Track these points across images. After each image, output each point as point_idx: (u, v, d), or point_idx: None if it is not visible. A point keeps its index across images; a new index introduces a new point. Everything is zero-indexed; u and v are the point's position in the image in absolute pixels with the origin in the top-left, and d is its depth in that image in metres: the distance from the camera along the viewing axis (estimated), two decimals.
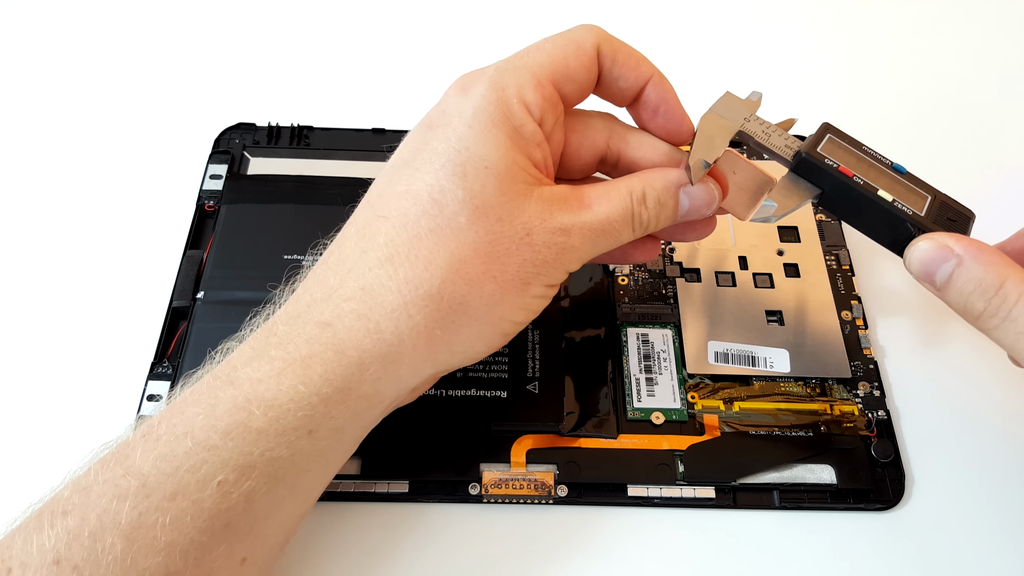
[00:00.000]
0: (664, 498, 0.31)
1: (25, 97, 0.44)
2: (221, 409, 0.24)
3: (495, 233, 0.26)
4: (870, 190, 0.28)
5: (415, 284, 0.25)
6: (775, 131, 0.29)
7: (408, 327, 0.25)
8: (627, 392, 0.34)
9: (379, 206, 0.26)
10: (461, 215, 0.25)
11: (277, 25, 0.48)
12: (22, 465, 0.32)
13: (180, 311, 0.35)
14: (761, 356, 0.34)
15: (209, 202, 0.39)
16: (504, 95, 0.26)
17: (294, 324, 0.25)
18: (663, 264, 0.38)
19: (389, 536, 0.31)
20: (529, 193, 0.26)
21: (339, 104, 0.44)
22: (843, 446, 0.32)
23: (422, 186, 0.26)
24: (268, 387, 0.24)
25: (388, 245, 0.25)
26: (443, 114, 0.27)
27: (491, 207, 0.25)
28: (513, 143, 0.26)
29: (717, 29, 0.49)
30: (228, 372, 0.25)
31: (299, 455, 0.25)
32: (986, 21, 0.47)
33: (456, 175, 0.25)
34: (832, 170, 0.28)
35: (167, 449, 0.23)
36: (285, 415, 0.24)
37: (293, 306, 0.26)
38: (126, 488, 0.22)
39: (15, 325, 0.36)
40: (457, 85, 0.27)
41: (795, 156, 0.29)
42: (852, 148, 0.29)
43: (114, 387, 0.34)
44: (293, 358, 0.24)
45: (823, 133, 0.29)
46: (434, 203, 0.25)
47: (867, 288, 0.37)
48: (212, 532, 0.23)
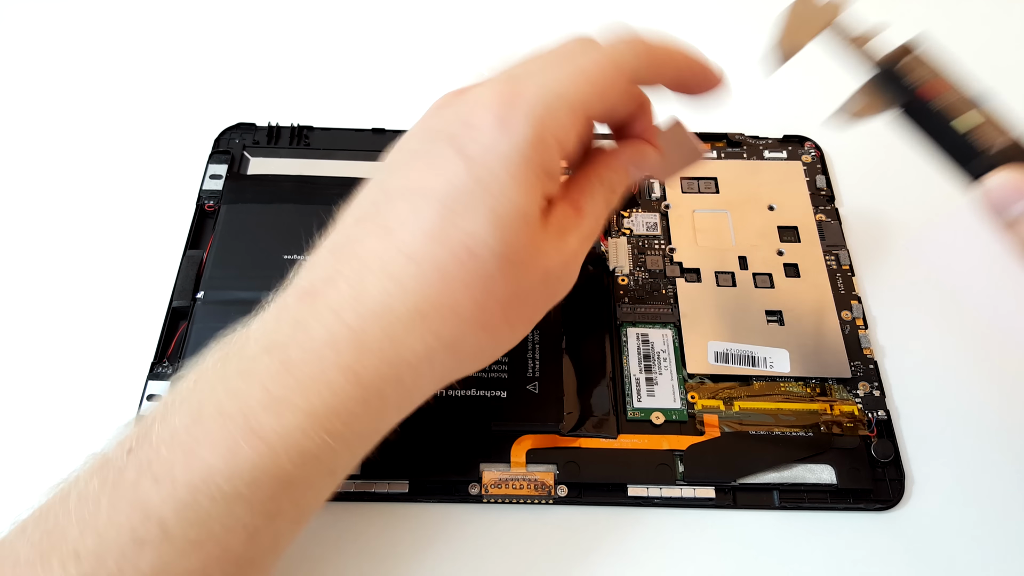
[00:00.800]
0: (664, 498, 0.31)
1: (25, 97, 0.44)
2: (245, 460, 0.22)
3: (519, 282, 0.25)
4: (947, 116, 0.27)
5: (441, 337, 0.24)
6: (864, 34, 0.28)
7: (428, 375, 0.25)
8: (627, 392, 0.34)
9: (405, 242, 0.24)
10: (492, 265, 0.24)
11: (277, 25, 0.48)
12: (22, 465, 0.32)
13: (180, 311, 0.35)
14: (761, 356, 0.34)
15: (209, 202, 0.39)
16: (546, 137, 0.25)
17: (315, 366, 0.23)
18: (663, 264, 0.37)
19: (389, 536, 0.31)
20: (546, 227, 0.26)
21: (339, 104, 0.44)
22: (843, 446, 0.32)
23: (455, 232, 0.24)
24: (296, 440, 0.23)
25: (419, 294, 0.24)
26: (477, 145, 0.24)
27: (520, 256, 0.25)
28: (543, 186, 0.25)
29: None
30: (245, 417, 0.23)
31: (322, 492, 0.25)
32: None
33: (493, 225, 0.24)
34: (911, 89, 0.27)
35: (189, 498, 0.22)
36: (312, 464, 0.23)
37: (306, 336, 0.24)
38: (145, 535, 0.22)
39: (16, 325, 0.36)
40: (495, 111, 0.25)
41: (882, 62, 0.28)
42: (938, 69, 0.28)
43: (114, 387, 0.34)
44: (319, 411, 0.23)
45: (911, 47, 0.28)
46: (468, 253, 0.24)
47: (867, 288, 0.37)
48: (238, 571, 0.23)
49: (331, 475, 0.24)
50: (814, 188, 0.40)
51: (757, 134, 0.42)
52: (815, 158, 0.41)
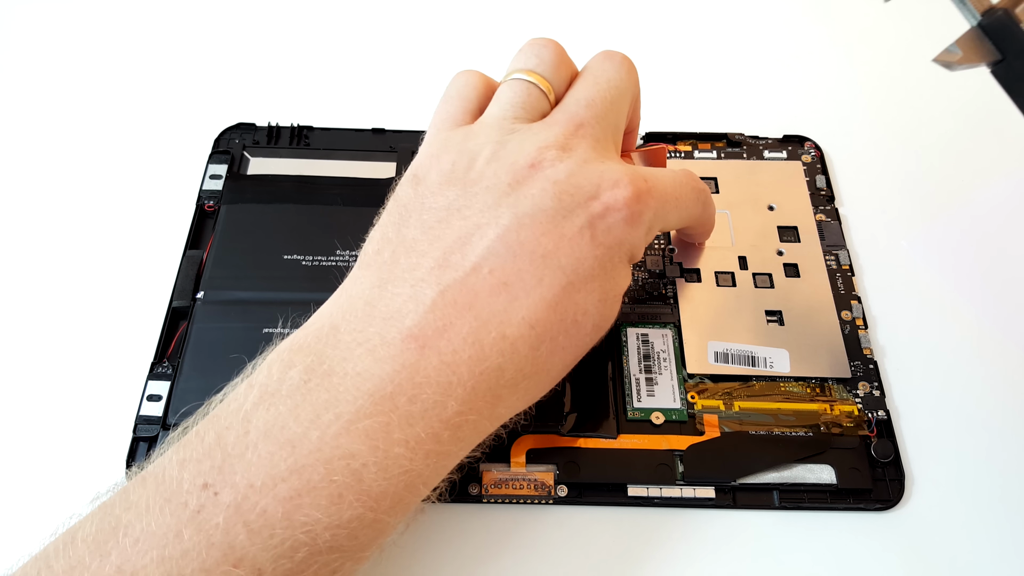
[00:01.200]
0: (664, 498, 0.31)
1: (25, 97, 0.44)
2: (349, 515, 0.22)
3: (595, 340, 0.28)
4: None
5: (530, 394, 0.27)
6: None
7: (496, 420, 0.27)
8: (627, 392, 0.34)
9: (527, 308, 0.25)
10: (589, 335, 0.27)
11: (277, 25, 0.48)
12: (22, 465, 0.32)
13: (180, 311, 0.35)
14: (761, 356, 0.34)
15: (209, 202, 0.39)
16: (649, 242, 0.29)
17: (426, 424, 0.24)
18: (663, 264, 0.38)
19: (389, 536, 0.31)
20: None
21: (339, 104, 0.44)
22: (843, 446, 0.32)
23: (570, 305, 0.26)
24: (397, 494, 0.24)
25: (529, 360, 0.26)
26: (609, 233, 0.27)
27: (607, 323, 0.28)
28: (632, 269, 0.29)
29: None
30: (353, 474, 0.23)
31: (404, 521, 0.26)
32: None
33: (601, 303, 0.27)
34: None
35: (287, 549, 0.22)
36: (401, 508, 0.24)
37: (417, 392, 0.24)
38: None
39: (16, 325, 0.36)
40: (630, 208, 0.27)
41: (987, 13, 0.28)
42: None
43: (114, 387, 0.34)
44: (421, 469, 0.24)
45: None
46: (575, 324, 0.26)
47: (867, 288, 0.37)
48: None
49: (412, 514, 0.26)
50: (814, 188, 0.40)
51: (757, 134, 0.42)
52: (815, 158, 0.41)
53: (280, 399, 0.23)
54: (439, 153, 0.28)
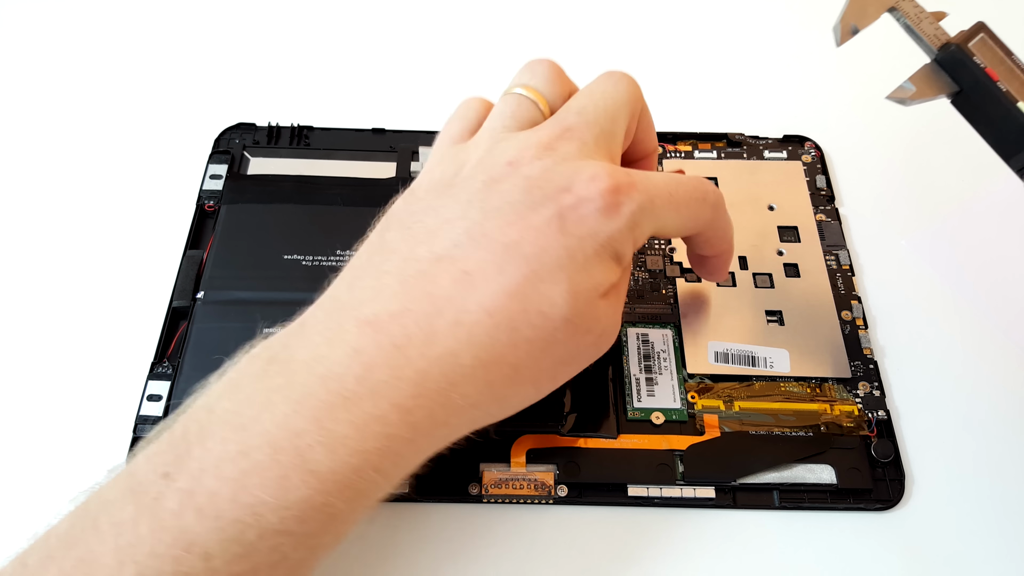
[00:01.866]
0: (664, 498, 0.31)
1: (25, 98, 0.44)
2: (295, 496, 0.22)
3: (579, 346, 0.27)
4: (1011, 99, 0.28)
5: (494, 390, 0.25)
6: (927, 17, 0.29)
7: (470, 419, 0.26)
8: (627, 392, 0.34)
9: (486, 296, 0.25)
10: (561, 332, 0.26)
11: (277, 25, 0.48)
12: (22, 465, 0.32)
13: (180, 311, 0.35)
14: (761, 356, 0.34)
15: (209, 202, 0.39)
16: (635, 239, 0.27)
17: (373, 405, 0.23)
18: (663, 264, 0.38)
19: (389, 536, 0.31)
20: (605, 294, 0.27)
21: (339, 104, 0.44)
22: (843, 446, 0.32)
23: (534, 295, 0.25)
24: (347, 477, 0.23)
25: (487, 349, 0.25)
26: (581, 224, 0.26)
27: (586, 325, 0.26)
28: (616, 268, 0.27)
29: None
30: (298, 452, 0.23)
31: (360, 521, 0.25)
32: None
33: (570, 294, 0.25)
34: (979, 69, 0.28)
35: (235, 532, 0.22)
36: (359, 498, 0.24)
37: (366, 373, 0.24)
38: (189, 569, 0.21)
39: (16, 325, 0.36)
40: (606, 199, 0.26)
41: (943, 47, 0.29)
42: (1002, 53, 0.29)
43: (114, 387, 0.34)
44: (371, 450, 0.23)
45: (976, 31, 0.29)
46: (540, 315, 0.25)
47: (867, 288, 0.37)
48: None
49: (371, 507, 0.25)
50: (814, 188, 0.40)
51: (757, 134, 0.42)
52: (815, 158, 0.41)
53: (240, 388, 0.24)
54: (433, 167, 0.29)
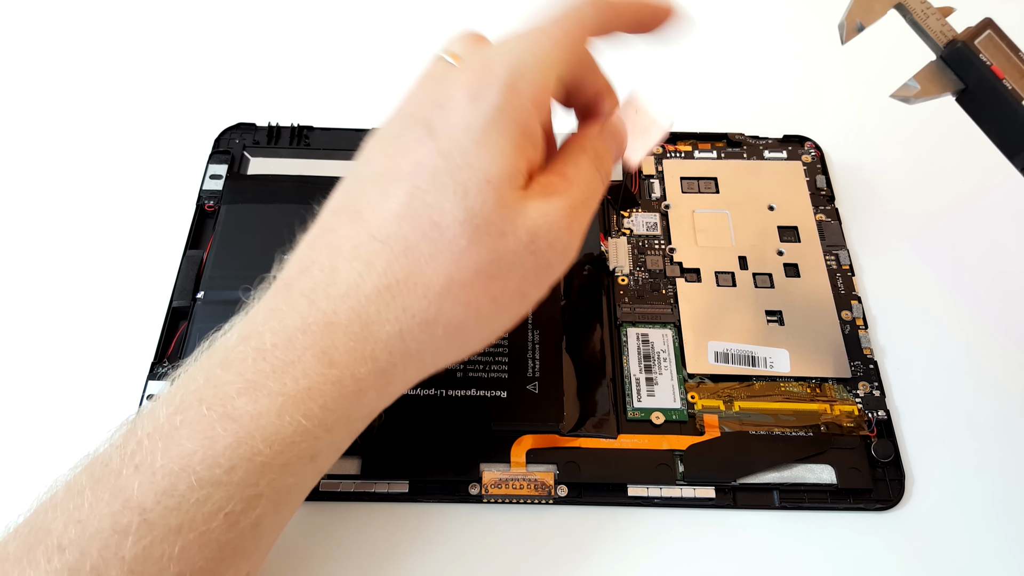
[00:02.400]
0: (664, 498, 0.31)
1: (25, 98, 0.44)
2: (221, 444, 0.23)
3: (498, 250, 0.25)
4: (1017, 97, 0.28)
5: (412, 313, 0.24)
6: (934, 14, 0.29)
7: (402, 353, 0.25)
8: (627, 392, 0.34)
9: (375, 226, 0.25)
10: (462, 237, 0.24)
11: (277, 25, 0.48)
12: (22, 465, 0.32)
13: (180, 311, 0.35)
14: (761, 356, 0.34)
15: (209, 202, 0.39)
16: (519, 103, 0.25)
17: (287, 351, 0.24)
18: (663, 264, 0.37)
19: (389, 536, 0.31)
20: (528, 194, 0.25)
21: (339, 104, 0.44)
22: (843, 446, 0.32)
23: (422, 208, 0.24)
24: (270, 422, 0.23)
25: (387, 273, 0.24)
26: (447, 122, 0.25)
27: (493, 223, 0.24)
28: (518, 150, 0.25)
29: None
30: (222, 403, 0.23)
31: (303, 479, 0.25)
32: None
33: (458, 195, 0.24)
34: (984, 67, 0.28)
35: (167, 484, 0.22)
36: (289, 448, 0.23)
37: (279, 324, 0.24)
38: (127, 523, 0.22)
39: (16, 325, 0.36)
40: (466, 90, 0.25)
41: (949, 44, 0.29)
42: (1009, 51, 0.29)
43: (114, 387, 0.34)
44: (293, 392, 0.24)
45: (982, 28, 0.29)
46: (434, 226, 0.24)
47: (867, 288, 0.37)
48: (220, 559, 0.23)
49: (311, 460, 0.24)
50: (814, 188, 0.40)
51: (757, 134, 0.42)
52: (815, 158, 0.41)
53: (187, 366, 0.25)
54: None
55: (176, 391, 0.24)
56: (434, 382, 0.33)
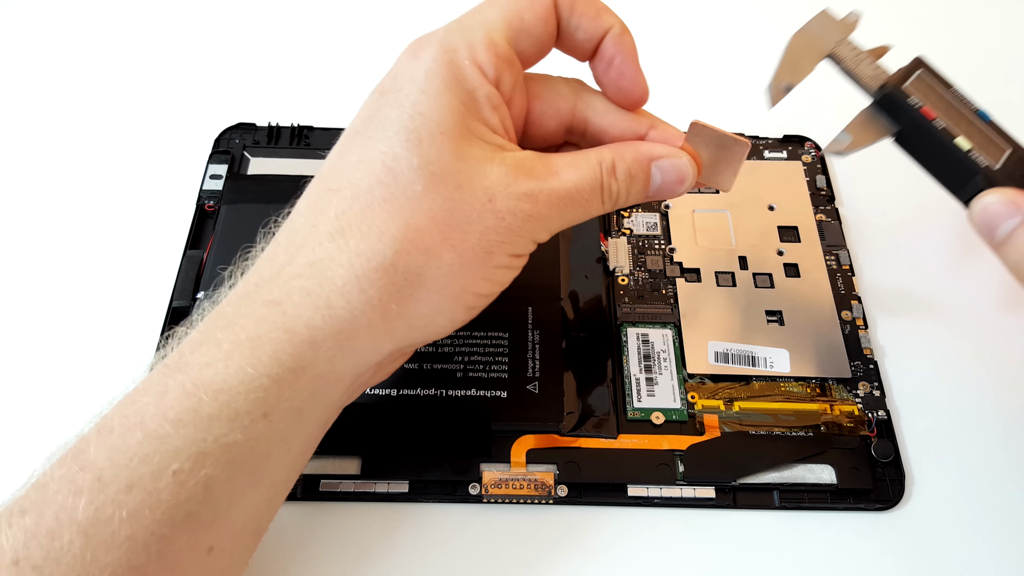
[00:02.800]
0: (664, 498, 0.31)
1: (26, 98, 0.44)
2: (171, 397, 0.23)
3: (454, 200, 0.24)
4: (948, 136, 0.28)
5: (367, 256, 0.24)
6: (866, 59, 0.29)
7: (360, 301, 0.24)
8: (627, 392, 0.34)
9: (331, 179, 0.26)
10: (417, 183, 0.24)
11: (277, 25, 0.48)
12: (23, 465, 0.32)
13: (180, 311, 0.35)
14: (761, 356, 0.34)
15: (209, 202, 0.39)
16: (455, 57, 0.25)
17: (241, 305, 0.24)
18: (663, 264, 0.37)
19: (389, 536, 0.31)
20: (491, 158, 0.25)
21: (339, 104, 0.44)
22: (843, 446, 0.32)
23: (375, 155, 0.25)
24: (216, 371, 0.23)
25: (339, 218, 0.24)
26: (395, 80, 0.26)
27: (449, 173, 0.24)
28: (468, 108, 0.25)
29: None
30: (177, 359, 0.24)
31: (256, 439, 0.24)
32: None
33: (410, 141, 0.24)
34: (914, 110, 0.28)
35: (119, 441, 0.23)
36: (235, 399, 0.23)
37: (242, 287, 0.25)
38: (81, 483, 0.22)
39: (16, 325, 0.36)
40: (409, 49, 0.26)
41: (879, 90, 0.29)
42: (940, 88, 0.29)
43: (114, 387, 0.34)
44: (240, 339, 0.23)
45: (914, 68, 0.29)
46: (388, 171, 0.24)
47: (867, 288, 0.37)
48: (173, 523, 0.22)
49: (264, 418, 0.23)
50: (814, 188, 0.40)
51: (757, 134, 0.42)
52: (815, 158, 0.41)
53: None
54: None
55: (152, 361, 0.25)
56: (434, 382, 0.33)
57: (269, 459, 0.24)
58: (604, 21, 0.27)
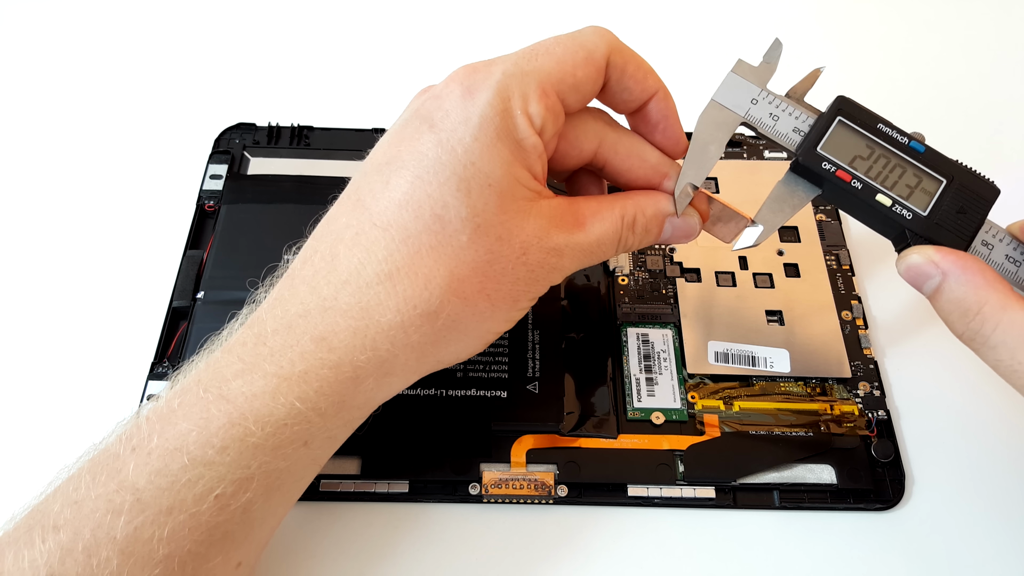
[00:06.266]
0: (664, 498, 0.31)
1: (26, 98, 0.44)
2: (215, 425, 0.23)
3: (494, 252, 0.25)
4: (869, 194, 0.27)
5: (414, 303, 0.25)
6: (785, 109, 0.28)
7: (403, 344, 0.25)
8: (627, 392, 0.34)
9: (376, 213, 0.25)
10: (463, 233, 0.25)
11: (277, 25, 0.48)
12: (22, 466, 0.32)
13: (180, 311, 0.35)
14: (761, 356, 0.34)
15: (209, 202, 0.39)
16: (509, 105, 0.25)
17: (287, 336, 0.24)
18: (663, 264, 0.37)
19: (389, 536, 0.31)
20: (528, 210, 0.26)
21: (339, 104, 0.44)
22: (843, 446, 0.32)
23: (424, 198, 0.25)
24: (264, 403, 0.24)
25: (388, 260, 0.25)
26: (446, 116, 0.26)
27: (492, 225, 0.25)
28: (515, 157, 0.26)
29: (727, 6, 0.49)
30: (219, 385, 0.24)
31: (295, 464, 0.25)
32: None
33: (461, 191, 0.25)
34: (829, 175, 0.27)
35: (161, 464, 0.23)
36: (282, 430, 0.24)
37: (282, 311, 0.25)
38: (120, 503, 0.22)
39: (16, 325, 0.36)
40: (462, 83, 0.26)
41: (791, 156, 0.28)
42: (863, 131, 0.28)
43: (114, 387, 0.34)
44: (288, 374, 0.24)
45: (832, 116, 0.28)
46: (436, 219, 0.25)
47: (867, 288, 0.37)
48: (210, 543, 0.23)
49: (304, 446, 0.24)
50: None
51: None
52: None
53: (197, 361, 0.26)
54: None
55: (179, 377, 0.25)
56: (434, 382, 0.33)
57: (303, 480, 0.26)
58: (650, 85, 0.28)
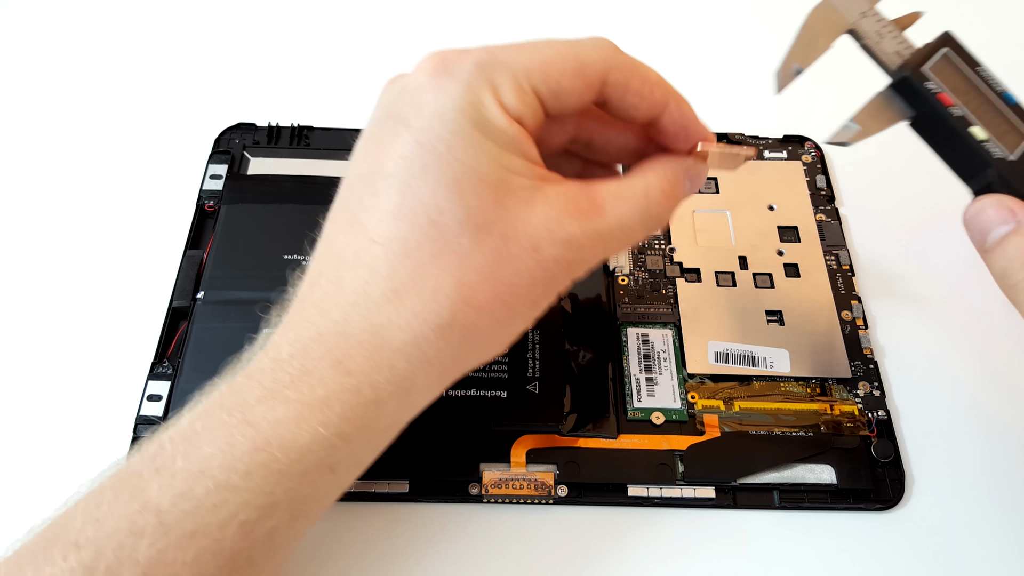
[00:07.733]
0: (664, 498, 0.31)
1: (26, 98, 0.44)
2: (239, 450, 0.23)
3: (500, 253, 0.24)
4: (964, 124, 0.26)
5: (424, 318, 0.24)
6: (890, 32, 0.27)
7: (420, 360, 0.24)
8: (627, 392, 0.34)
9: (371, 228, 0.24)
10: (463, 237, 0.24)
11: (277, 25, 0.48)
12: (22, 466, 0.32)
13: (180, 311, 0.35)
14: (761, 356, 0.34)
15: (209, 202, 0.39)
16: (483, 98, 0.24)
17: (304, 361, 0.24)
18: (663, 264, 0.38)
19: (389, 536, 0.31)
20: (531, 199, 0.24)
21: (339, 104, 0.44)
22: (843, 446, 0.32)
23: (416, 205, 0.24)
24: (288, 429, 0.23)
25: (392, 277, 0.24)
26: (419, 112, 0.24)
27: (493, 223, 0.24)
28: (502, 146, 0.24)
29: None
30: (242, 409, 0.23)
31: (320, 490, 0.24)
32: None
33: (452, 192, 0.23)
34: (930, 96, 0.26)
35: (185, 487, 0.22)
36: (306, 456, 0.23)
37: (295, 335, 0.24)
38: (143, 525, 0.22)
39: (16, 325, 0.36)
40: (431, 73, 0.24)
41: (898, 71, 0.27)
42: (964, 68, 0.27)
43: (114, 387, 0.34)
44: (310, 400, 0.23)
45: (938, 46, 0.27)
46: (433, 226, 0.23)
47: (867, 288, 0.37)
48: (233, 568, 0.23)
49: (330, 472, 0.24)
50: (814, 188, 0.40)
51: (757, 134, 0.42)
52: (815, 158, 0.41)
53: (219, 383, 0.25)
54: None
55: (201, 399, 0.24)
56: None
57: (327, 504, 0.25)
58: (659, 99, 0.26)
